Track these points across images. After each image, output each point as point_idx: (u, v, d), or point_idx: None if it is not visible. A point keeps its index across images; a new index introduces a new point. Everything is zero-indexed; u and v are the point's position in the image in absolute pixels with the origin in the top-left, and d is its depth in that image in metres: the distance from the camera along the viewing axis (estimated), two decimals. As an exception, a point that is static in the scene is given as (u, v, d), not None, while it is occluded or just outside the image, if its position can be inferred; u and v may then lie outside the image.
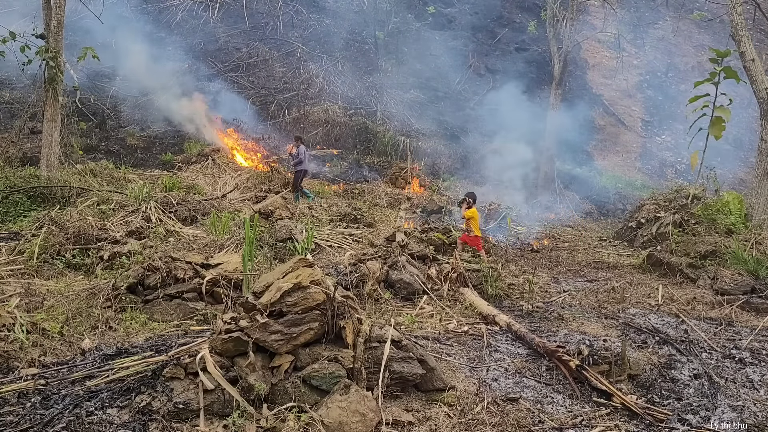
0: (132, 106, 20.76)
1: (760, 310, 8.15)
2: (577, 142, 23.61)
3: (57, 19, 12.84)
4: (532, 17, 26.93)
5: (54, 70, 12.72)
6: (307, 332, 4.62)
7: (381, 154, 21.94)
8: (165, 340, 5.86)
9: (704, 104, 10.46)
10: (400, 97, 24.80)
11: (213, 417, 4.31)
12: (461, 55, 26.43)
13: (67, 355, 5.51)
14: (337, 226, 12.86)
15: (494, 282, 8.50)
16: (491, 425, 4.54)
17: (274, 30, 25.34)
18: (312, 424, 4.15)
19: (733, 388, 5.67)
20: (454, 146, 23.19)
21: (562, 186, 20.46)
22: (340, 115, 22.48)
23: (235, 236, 10.02)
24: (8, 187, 12.01)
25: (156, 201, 11.45)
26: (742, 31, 12.52)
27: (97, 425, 4.13)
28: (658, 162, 24.36)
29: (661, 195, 14.08)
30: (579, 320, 7.49)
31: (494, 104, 25.51)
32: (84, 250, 8.79)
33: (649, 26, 30.09)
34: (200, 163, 17.90)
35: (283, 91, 23.01)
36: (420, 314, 7.42)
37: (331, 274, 8.50)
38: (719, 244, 10.55)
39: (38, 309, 6.48)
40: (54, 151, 13.12)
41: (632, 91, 27.55)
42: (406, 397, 4.88)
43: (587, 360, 5.51)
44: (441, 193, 18.93)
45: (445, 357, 5.86)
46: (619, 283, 9.31)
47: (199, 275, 7.35)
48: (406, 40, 26.80)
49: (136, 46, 21.02)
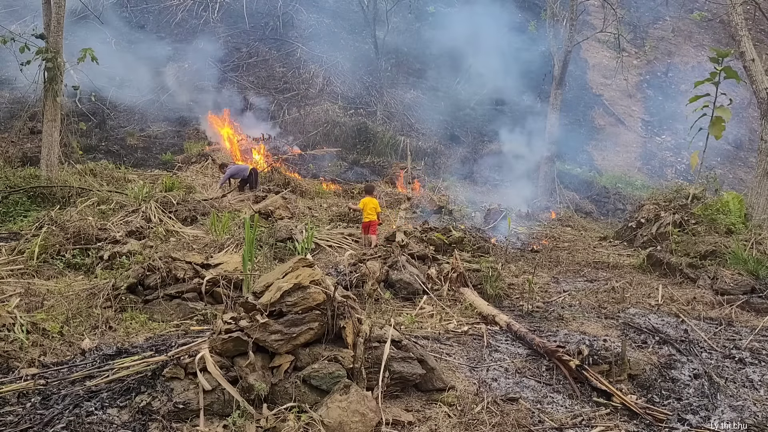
0: (132, 105, 20.76)
1: (760, 310, 8.14)
2: (577, 142, 23.62)
3: (57, 19, 12.84)
4: (532, 17, 26.92)
5: (54, 71, 12.72)
6: (307, 332, 4.62)
7: (381, 154, 21.93)
8: (165, 340, 5.86)
9: (704, 104, 10.46)
10: (400, 97, 24.80)
11: (213, 417, 4.31)
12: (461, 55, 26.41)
13: (67, 355, 5.51)
14: (337, 226, 12.86)
15: (494, 282, 8.49)
16: (491, 425, 4.54)
17: (274, 30, 25.33)
18: (312, 424, 4.15)
19: (733, 388, 5.67)
20: (454, 146, 23.19)
21: (562, 186, 20.46)
22: (340, 115, 22.46)
23: (235, 236, 10.02)
24: (8, 187, 12.01)
25: (156, 201, 11.44)
26: (742, 31, 12.52)
27: (97, 425, 4.13)
28: (658, 162, 24.37)
29: (661, 195, 14.06)
30: (579, 320, 7.49)
31: (494, 104, 25.54)
32: (84, 250, 8.79)
33: (649, 26, 30.10)
34: (200, 163, 17.89)
35: (283, 91, 23.01)
36: (420, 314, 7.42)
37: (331, 274, 8.50)
38: (719, 244, 10.54)
39: (38, 309, 6.48)
40: (54, 151, 13.12)
41: (632, 91, 27.56)
42: (406, 397, 4.88)
43: (587, 360, 5.51)
44: (441, 193, 18.93)
45: (445, 357, 5.86)
46: (619, 283, 9.30)
47: (199, 275, 7.34)
48: (406, 40, 26.80)
49: (136, 45, 21.03)
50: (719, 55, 10.29)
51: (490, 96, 25.55)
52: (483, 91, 25.55)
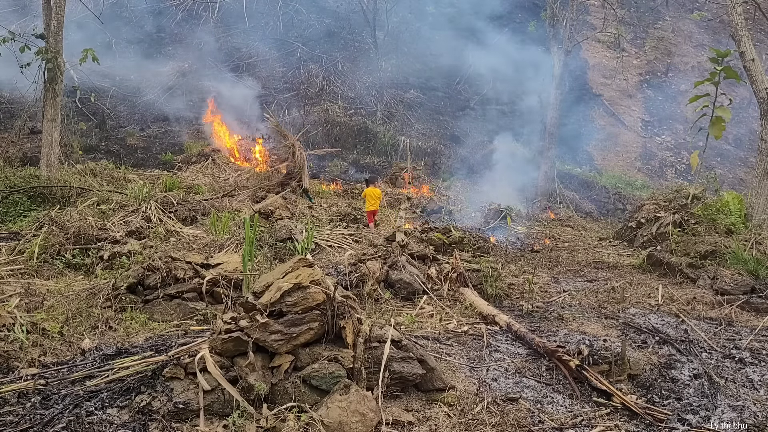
0: (132, 105, 20.76)
1: (760, 310, 8.14)
2: (577, 142, 23.61)
3: (57, 19, 12.84)
4: (532, 17, 26.91)
5: (54, 71, 12.72)
6: (307, 332, 4.62)
7: (381, 154, 21.93)
8: (165, 340, 5.87)
9: (704, 104, 10.46)
10: (400, 97, 24.79)
11: (213, 417, 4.31)
12: (461, 55, 26.42)
13: (67, 355, 5.51)
14: (337, 226, 12.86)
15: (494, 282, 8.49)
16: (491, 425, 4.54)
17: (274, 30, 25.33)
18: (312, 424, 4.15)
19: (733, 388, 5.67)
20: (454, 146, 23.19)
21: (562, 186, 20.46)
22: (340, 115, 22.46)
23: (235, 236, 10.02)
24: (8, 187, 12.02)
25: (156, 201, 11.45)
26: (742, 31, 12.51)
27: (97, 425, 4.13)
28: (658, 162, 24.36)
29: (661, 195, 14.06)
30: (579, 320, 7.48)
31: (494, 104, 25.53)
32: (84, 250, 8.79)
33: (649, 26, 30.09)
34: (200, 163, 17.89)
35: (283, 91, 23.00)
36: (420, 314, 7.42)
37: (331, 274, 8.50)
38: (719, 244, 10.54)
39: (38, 309, 6.48)
40: (54, 151, 13.12)
41: (632, 91, 27.55)
42: (406, 397, 4.87)
43: (587, 360, 5.51)
44: (441, 193, 18.92)
45: (445, 357, 5.85)
46: (619, 283, 9.30)
47: (199, 275, 7.35)
48: (406, 40, 26.80)
49: (136, 45, 21.03)
50: (719, 55, 10.30)
51: (490, 96, 25.54)
52: (483, 91, 25.55)
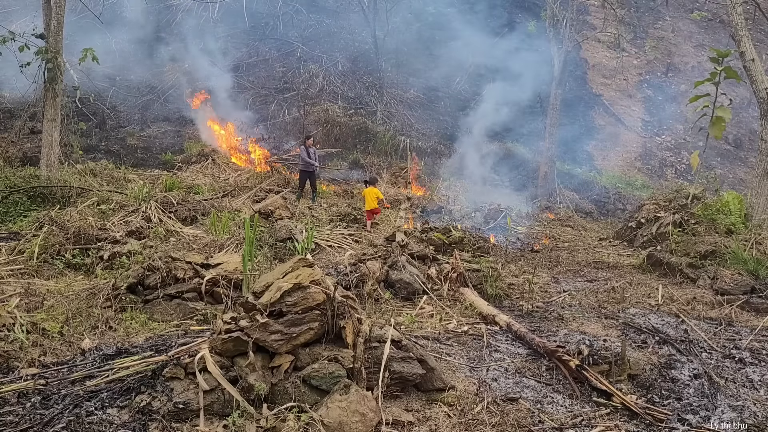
0: (132, 105, 20.76)
1: (760, 310, 8.14)
2: (577, 142, 23.61)
3: (57, 19, 12.84)
4: (532, 17, 26.90)
5: (54, 71, 12.71)
6: (307, 332, 4.62)
7: (381, 154, 21.92)
8: (165, 340, 5.86)
9: (704, 104, 10.45)
10: (400, 97, 24.78)
11: (213, 417, 4.31)
12: (461, 55, 26.40)
13: (67, 355, 5.51)
14: (337, 226, 12.86)
15: (494, 282, 8.49)
16: (491, 425, 4.54)
17: (274, 30, 25.32)
18: (312, 424, 4.15)
19: (733, 388, 5.67)
20: (454, 146, 23.18)
21: (562, 186, 20.46)
22: (340, 115, 22.45)
23: (235, 236, 10.02)
24: (8, 187, 12.01)
25: (156, 201, 11.45)
26: (742, 31, 12.51)
27: (97, 425, 4.13)
28: (658, 162, 24.34)
29: (661, 195, 14.06)
30: (579, 320, 7.48)
31: (494, 104, 25.50)
32: (84, 250, 8.79)
33: (649, 26, 30.08)
34: (200, 163, 17.90)
35: (283, 91, 22.99)
36: (420, 314, 7.42)
37: (331, 274, 8.49)
38: (719, 244, 10.54)
39: (38, 309, 6.48)
40: (54, 151, 13.12)
41: (632, 91, 27.54)
42: (406, 397, 4.87)
43: (587, 360, 5.51)
44: (441, 192, 18.92)
45: (445, 357, 5.85)
46: (619, 283, 9.30)
47: (199, 275, 7.35)
48: (406, 40, 26.79)
49: (136, 45, 21.02)
50: (719, 55, 10.28)
51: (489, 96, 25.52)
52: (483, 90, 25.53)
